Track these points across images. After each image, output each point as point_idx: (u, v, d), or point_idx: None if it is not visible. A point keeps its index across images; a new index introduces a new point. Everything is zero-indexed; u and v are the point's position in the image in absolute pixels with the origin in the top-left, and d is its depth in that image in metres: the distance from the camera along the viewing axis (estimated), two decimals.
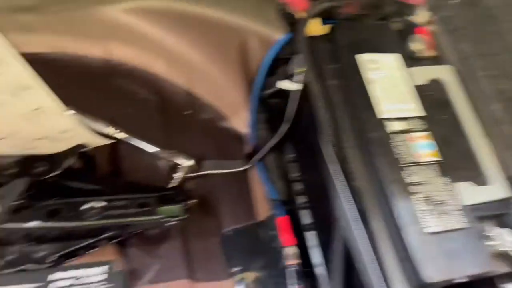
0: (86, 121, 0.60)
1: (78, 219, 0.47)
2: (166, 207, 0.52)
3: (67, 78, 0.63)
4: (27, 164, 0.44)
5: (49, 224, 0.46)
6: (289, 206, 0.61)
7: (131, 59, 0.67)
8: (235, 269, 0.55)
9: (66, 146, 0.55)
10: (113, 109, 0.62)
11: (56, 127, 0.58)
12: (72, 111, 0.60)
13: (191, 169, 0.61)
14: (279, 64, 0.68)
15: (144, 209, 0.51)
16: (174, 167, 0.61)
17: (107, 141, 0.59)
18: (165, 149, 0.61)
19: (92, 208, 0.48)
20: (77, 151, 0.53)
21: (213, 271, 0.54)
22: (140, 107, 0.64)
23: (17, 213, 0.44)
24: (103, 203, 0.48)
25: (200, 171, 0.61)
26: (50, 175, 0.48)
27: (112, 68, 0.66)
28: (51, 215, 0.47)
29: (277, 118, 0.65)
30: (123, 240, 0.52)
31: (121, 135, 0.60)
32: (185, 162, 0.61)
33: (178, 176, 0.60)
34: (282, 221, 0.58)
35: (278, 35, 0.68)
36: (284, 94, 0.65)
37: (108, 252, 0.51)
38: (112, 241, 0.51)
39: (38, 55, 0.63)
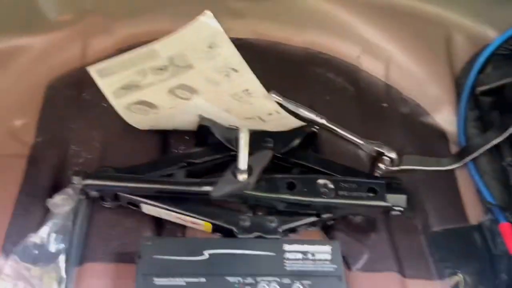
0: (289, 105, 0.60)
1: (313, 195, 0.46)
2: (393, 195, 0.48)
3: (269, 64, 0.65)
4: (257, 138, 0.44)
5: (288, 196, 0.46)
6: (509, 213, 0.53)
7: (329, 48, 0.67)
8: (446, 270, 0.49)
9: (274, 127, 0.56)
10: (311, 96, 0.62)
11: (262, 109, 0.59)
12: (275, 95, 0.60)
13: (393, 161, 0.58)
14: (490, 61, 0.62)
15: (373, 194, 0.48)
16: (376, 158, 0.58)
17: (309, 126, 0.58)
18: (364, 137, 0.58)
19: (325, 186, 0.47)
20: (304, 132, 0.53)
21: (423, 269, 0.49)
22: (338, 95, 0.63)
23: (260, 183, 0.45)
24: (333, 183, 0.47)
25: (402, 165, 0.57)
26: (282, 151, 0.48)
27: (311, 56, 0.66)
28: (290, 188, 0.47)
29: (491, 117, 0.59)
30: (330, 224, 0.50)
31: (323, 120, 0.59)
32: (388, 154, 0.57)
33: (381, 167, 0.57)
34: (507, 228, 0.51)
35: (491, 32, 0.62)
36: (501, 91, 0.59)
37: (315, 234, 0.50)
38: (329, 223, 0.49)
39: (243, 40, 0.65)
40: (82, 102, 0.57)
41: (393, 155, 0.57)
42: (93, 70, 0.59)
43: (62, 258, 0.45)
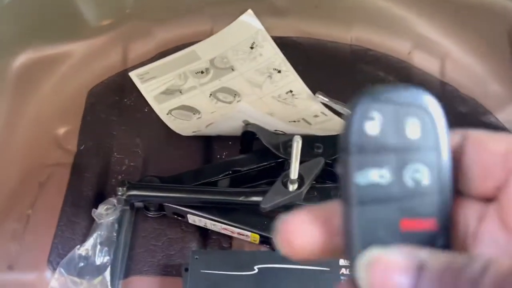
0: (336, 107, 0.57)
1: None
2: None
3: (314, 63, 0.62)
4: (305, 144, 0.42)
5: None
6: None
7: (378, 44, 0.63)
8: None
9: (321, 131, 0.53)
10: None
11: (308, 111, 0.57)
12: (321, 96, 0.58)
13: None
14: None
15: None
16: None
17: None
18: None
19: None
20: None
21: None
22: None
23: (311, 192, 0.43)
24: None
25: None
26: (333, 157, 0.46)
27: (359, 54, 0.63)
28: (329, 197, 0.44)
29: None
30: None
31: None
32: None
33: None
34: None
35: None
36: None
37: None
38: None
39: (286, 39, 0.63)
40: (124, 108, 0.57)
41: None
42: (134, 75, 0.59)
43: (108, 272, 0.44)
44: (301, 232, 0.17)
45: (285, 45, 0.62)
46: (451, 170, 0.17)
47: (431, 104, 0.18)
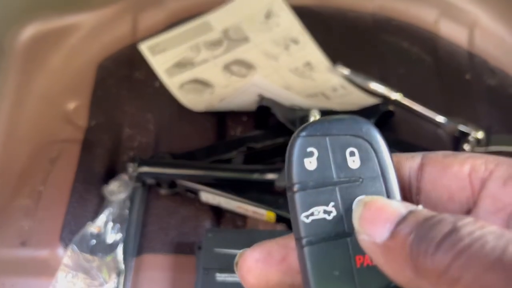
0: (357, 79, 0.56)
1: None
2: None
3: (334, 33, 0.60)
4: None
5: None
6: None
7: (402, 13, 0.61)
8: None
9: (339, 105, 0.52)
10: (383, 68, 0.58)
11: (326, 84, 0.56)
12: (341, 68, 0.57)
13: (479, 142, 0.53)
14: None
15: None
16: (460, 139, 0.53)
17: (384, 104, 0.54)
18: (444, 115, 0.53)
19: None
20: (379, 111, 0.49)
21: None
22: (414, 67, 0.58)
23: None
24: None
25: (490, 146, 0.52)
26: None
27: (381, 23, 0.61)
28: None
29: None
30: None
31: (397, 96, 0.54)
32: (474, 133, 0.52)
33: (465, 149, 0.52)
34: None
35: None
36: None
37: None
38: None
39: (305, 8, 0.61)
40: (135, 82, 0.56)
41: (479, 134, 0.52)
42: (144, 47, 0.58)
43: (120, 249, 0.44)
44: (257, 271, 0.17)
45: (303, 14, 0.61)
46: (401, 196, 0.17)
47: (369, 132, 0.18)
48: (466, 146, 0.52)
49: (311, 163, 0.17)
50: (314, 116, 0.37)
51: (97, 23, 0.58)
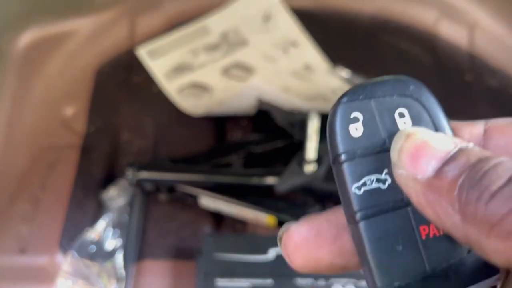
0: (357, 81, 0.57)
1: None
2: None
3: (333, 35, 0.61)
4: (323, 122, 0.41)
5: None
6: None
7: (401, 14, 0.62)
8: None
9: None
10: (382, 70, 0.58)
11: (326, 86, 0.57)
12: (341, 70, 0.57)
13: None
14: None
15: None
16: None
17: None
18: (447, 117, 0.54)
19: None
20: None
21: None
22: (414, 68, 0.59)
23: (330, 174, 0.42)
24: None
25: None
26: None
27: (380, 24, 0.62)
28: None
29: None
30: None
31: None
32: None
33: None
34: None
35: None
36: None
37: None
38: None
39: (303, 10, 0.62)
40: (133, 87, 0.57)
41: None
42: (142, 52, 0.59)
43: (120, 255, 0.45)
44: (305, 251, 0.16)
45: (302, 17, 0.61)
46: None
47: (418, 90, 0.16)
48: None
49: (357, 130, 0.16)
50: (313, 120, 0.38)
51: (95, 28, 0.59)
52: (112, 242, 0.46)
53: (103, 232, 0.46)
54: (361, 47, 0.60)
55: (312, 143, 0.40)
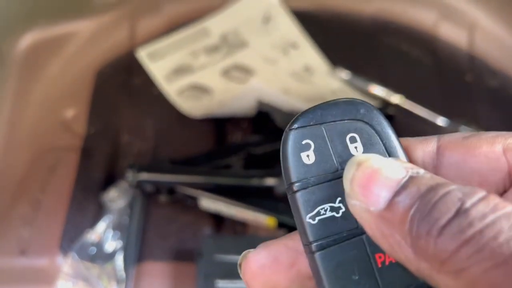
0: (357, 82, 0.57)
1: None
2: None
3: (333, 37, 0.61)
4: None
5: None
6: None
7: (401, 15, 0.62)
8: None
9: None
10: (383, 71, 0.58)
11: (326, 87, 0.57)
12: (341, 71, 0.57)
13: None
14: None
15: None
16: None
17: (384, 107, 0.55)
18: (445, 117, 0.54)
19: None
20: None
21: None
22: (414, 70, 0.59)
23: None
24: None
25: None
26: None
27: (380, 26, 0.62)
28: None
29: None
30: None
31: (397, 99, 0.55)
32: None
33: None
34: None
35: None
36: None
37: None
38: None
39: (303, 12, 0.62)
40: (133, 89, 0.57)
41: None
42: (143, 54, 0.59)
43: (120, 257, 0.45)
44: (263, 278, 0.16)
45: (301, 18, 0.61)
46: None
47: (368, 113, 0.16)
48: None
49: (309, 157, 0.15)
50: None
51: (95, 30, 0.59)
52: (112, 244, 0.46)
53: (103, 233, 0.46)
54: (361, 49, 0.60)
55: None
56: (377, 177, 0.14)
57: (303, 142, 0.16)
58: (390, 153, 0.16)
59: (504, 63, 0.59)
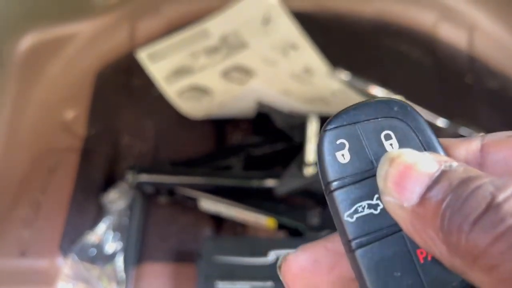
0: (357, 83, 0.57)
1: None
2: None
3: (333, 38, 0.62)
4: (323, 124, 0.42)
5: None
6: None
7: (401, 16, 0.62)
8: None
9: (337, 109, 0.53)
10: (383, 72, 0.59)
11: (326, 89, 0.57)
12: (341, 72, 0.58)
13: None
14: None
15: None
16: None
17: None
18: (445, 118, 0.54)
19: None
20: None
21: None
22: (414, 71, 0.59)
23: None
24: None
25: None
26: None
27: (380, 27, 0.62)
28: None
29: None
30: None
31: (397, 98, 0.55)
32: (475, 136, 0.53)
33: None
34: None
35: None
36: None
37: None
38: None
39: (303, 13, 0.63)
40: (133, 90, 0.58)
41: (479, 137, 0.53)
42: (143, 55, 0.59)
43: (120, 258, 0.45)
44: (304, 280, 0.16)
45: (301, 19, 0.62)
46: None
47: (402, 110, 0.16)
48: None
49: (344, 156, 0.16)
50: (313, 122, 0.38)
51: (95, 32, 0.60)
52: (112, 245, 0.46)
53: (104, 235, 0.47)
54: (361, 50, 0.61)
55: (311, 145, 0.41)
56: (409, 173, 0.14)
57: (338, 142, 0.16)
58: (426, 147, 0.16)
59: (504, 64, 0.59)
